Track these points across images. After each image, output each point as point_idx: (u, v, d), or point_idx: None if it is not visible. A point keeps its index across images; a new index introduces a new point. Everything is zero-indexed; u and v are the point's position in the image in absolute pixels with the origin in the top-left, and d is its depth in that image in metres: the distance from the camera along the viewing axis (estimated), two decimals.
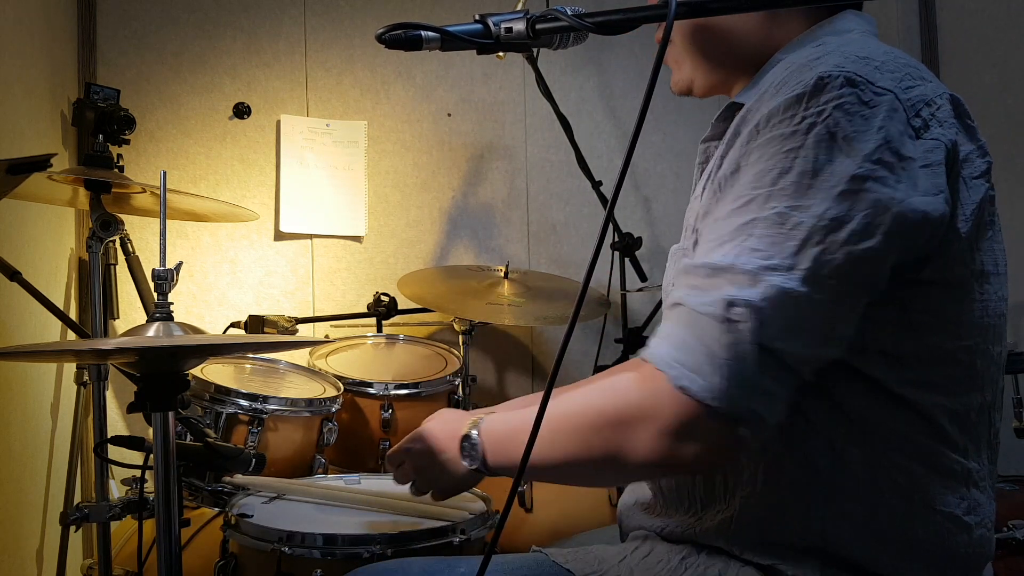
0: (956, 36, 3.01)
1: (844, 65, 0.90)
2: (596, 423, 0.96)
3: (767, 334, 0.86)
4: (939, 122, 0.92)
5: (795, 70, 0.94)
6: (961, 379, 0.97)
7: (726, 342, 0.86)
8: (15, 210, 1.94)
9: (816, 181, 0.87)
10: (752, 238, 0.88)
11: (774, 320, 0.86)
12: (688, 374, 0.87)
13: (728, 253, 0.89)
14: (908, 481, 0.95)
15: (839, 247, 0.86)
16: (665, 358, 0.89)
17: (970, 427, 0.98)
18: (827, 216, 0.86)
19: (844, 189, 0.87)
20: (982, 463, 1.00)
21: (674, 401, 0.88)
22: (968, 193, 0.95)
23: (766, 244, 0.88)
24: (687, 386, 0.87)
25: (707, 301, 0.88)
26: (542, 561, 1.10)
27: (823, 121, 0.88)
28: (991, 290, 0.99)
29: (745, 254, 0.88)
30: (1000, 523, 1.80)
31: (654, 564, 1.03)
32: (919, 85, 0.93)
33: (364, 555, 1.38)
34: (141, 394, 1.12)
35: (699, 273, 0.91)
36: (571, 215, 3.03)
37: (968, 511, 0.97)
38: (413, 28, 0.94)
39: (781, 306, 0.86)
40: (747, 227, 0.89)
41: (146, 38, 2.69)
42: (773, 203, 0.88)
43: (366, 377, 2.21)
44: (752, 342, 0.85)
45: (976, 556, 0.99)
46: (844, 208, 0.87)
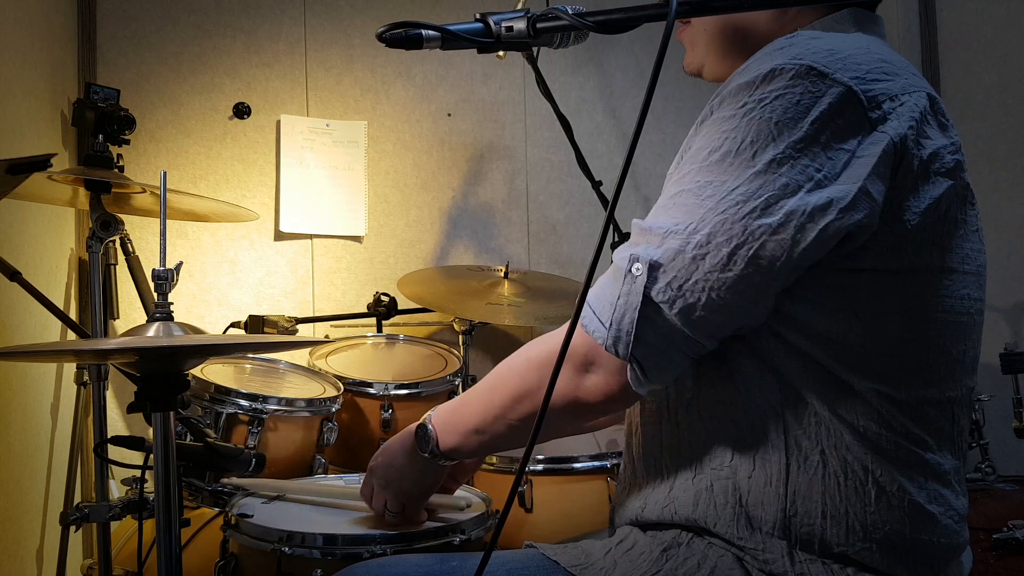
0: (956, 36, 3.01)
1: (802, 56, 0.93)
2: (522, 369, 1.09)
3: (654, 288, 0.94)
4: (898, 116, 0.94)
5: (756, 60, 0.97)
6: (910, 370, 0.98)
7: (623, 291, 0.96)
8: (15, 210, 1.94)
9: (736, 160, 0.93)
10: (674, 207, 0.97)
11: (664, 277, 0.94)
12: (592, 316, 0.99)
13: (653, 218, 0.99)
14: (865, 466, 0.97)
15: (739, 220, 0.92)
16: (588, 301, 1.01)
17: (926, 421, 0.99)
18: (737, 191, 0.92)
19: (759, 170, 0.92)
20: (944, 458, 1.01)
21: (583, 340, 1.00)
22: (928, 188, 0.95)
23: (681, 213, 0.95)
24: (586, 325, 0.99)
25: (623, 256, 0.98)
26: (533, 555, 1.12)
27: (761, 107, 0.93)
28: (955, 288, 0.99)
29: (662, 219, 0.97)
30: (1000, 523, 1.80)
31: (637, 556, 1.05)
32: (886, 80, 0.95)
33: (364, 555, 1.37)
34: (141, 394, 1.12)
35: (633, 232, 1.01)
36: (571, 215, 3.03)
37: (930, 501, 0.98)
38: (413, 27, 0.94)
39: (673, 266, 0.94)
40: (675, 197, 0.98)
41: (146, 38, 2.69)
42: (698, 177, 0.96)
43: (366, 377, 2.21)
44: (640, 293, 0.95)
45: (943, 547, 1.00)
46: (755, 187, 0.92)
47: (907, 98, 0.95)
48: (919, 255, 0.96)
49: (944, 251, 0.98)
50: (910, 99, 0.95)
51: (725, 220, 0.92)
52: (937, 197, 0.95)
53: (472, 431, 1.17)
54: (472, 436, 1.17)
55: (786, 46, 0.97)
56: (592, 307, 1.00)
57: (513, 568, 1.09)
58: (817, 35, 1.00)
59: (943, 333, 0.99)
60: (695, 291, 0.93)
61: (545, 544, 1.14)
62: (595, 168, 2.66)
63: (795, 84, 0.92)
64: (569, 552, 1.10)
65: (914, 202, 0.94)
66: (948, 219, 0.97)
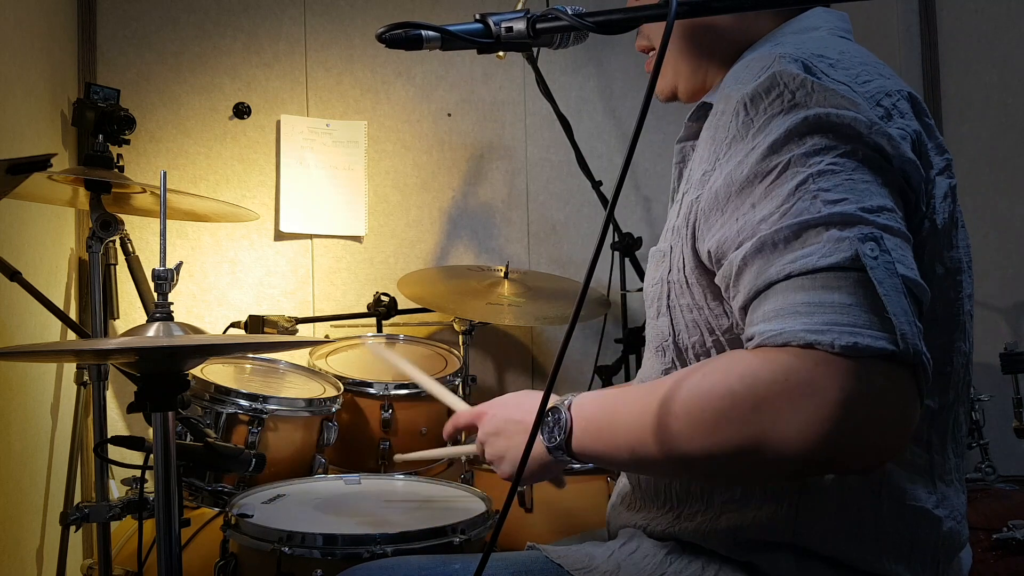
0: (956, 36, 3.01)
1: (799, 55, 0.92)
2: (722, 407, 0.82)
3: (905, 265, 0.82)
4: (900, 113, 0.93)
5: (754, 59, 0.96)
6: (936, 377, 0.97)
7: (877, 279, 0.79)
8: (15, 210, 1.94)
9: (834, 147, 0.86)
10: (821, 191, 0.83)
11: (897, 255, 0.82)
12: (850, 329, 0.77)
13: (804, 211, 0.83)
14: (876, 477, 0.95)
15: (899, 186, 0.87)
16: (807, 328, 0.78)
17: (938, 423, 0.99)
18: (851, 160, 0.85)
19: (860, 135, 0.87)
20: (947, 457, 1.00)
21: (839, 368, 0.76)
22: (936, 186, 0.95)
23: (842, 192, 0.83)
24: (856, 342, 0.76)
25: (825, 253, 0.80)
26: (536, 557, 1.12)
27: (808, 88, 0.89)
28: (966, 287, 0.99)
29: (829, 204, 0.82)
30: (1000, 523, 1.80)
31: (640, 560, 1.05)
32: (876, 80, 0.94)
33: (364, 555, 1.38)
34: (141, 394, 1.12)
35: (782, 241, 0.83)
36: (571, 215, 3.03)
37: (938, 504, 0.98)
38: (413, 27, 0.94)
39: (894, 241, 0.82)
40: (804, 185, 0.84)
41: (146, 38, 2.69)
42: (817, 157, 0.85)
43: (366, 377, 2.21)
44: (896, 275, 0.80)
45: (946, 547, 1.00)
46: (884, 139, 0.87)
47: (897, 96, 0.94)
48: (935, 256, 0.95)
49: (953, 250, 0.98)
50: (902, 99, 0.94)
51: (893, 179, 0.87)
52: (942, 196, 0.95)
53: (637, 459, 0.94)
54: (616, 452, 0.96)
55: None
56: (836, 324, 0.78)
57: (516, 570, 1.08)
58: (803, 39, 0.99)
59: (959, 335, 0.99)
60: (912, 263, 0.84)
61: (547, 546, 1.14)
62: (595, 168, 2.67)
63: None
64: (572, 555, 1.10)
65: (936, 203, 0.94)
66: (953, 218, 0.97)
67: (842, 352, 0.76)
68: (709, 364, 0.89)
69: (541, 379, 2.99)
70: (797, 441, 0.77)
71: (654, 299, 1.05)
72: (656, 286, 1.04)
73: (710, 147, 0.97)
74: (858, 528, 0.95)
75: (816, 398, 0.76)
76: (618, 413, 0.96)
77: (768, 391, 0.79)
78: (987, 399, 2.22)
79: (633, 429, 0.92)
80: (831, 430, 0.76)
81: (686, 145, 1.13)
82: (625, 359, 2.69)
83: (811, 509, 0.96)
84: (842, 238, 0.80)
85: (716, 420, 0.82)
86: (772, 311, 0.82)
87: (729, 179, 0.91)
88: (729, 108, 0.94)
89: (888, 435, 0.78)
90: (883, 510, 0.95)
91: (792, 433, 0.77)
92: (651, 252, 1.08)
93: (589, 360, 2.84)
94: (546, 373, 2.99)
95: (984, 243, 2.82)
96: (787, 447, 0.78)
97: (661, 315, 1.04)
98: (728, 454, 0.82)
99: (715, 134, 0.97)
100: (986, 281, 2.80)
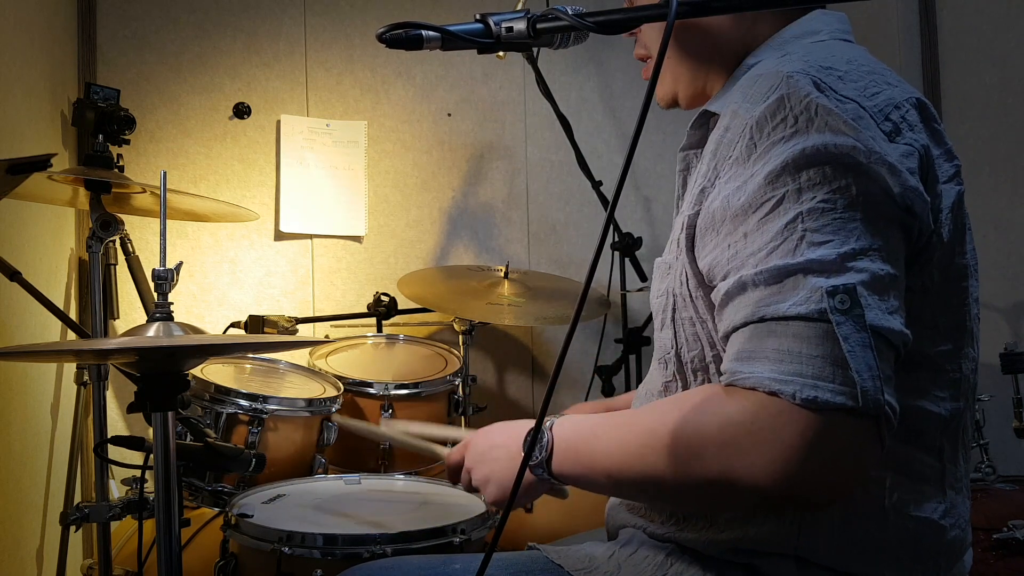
0: (956, 36, 3.01)
1: (808, 71, 0.91)
2: (693, 443, 0.88)
3: (875, 316, 0.83)
4: (909, 126, 0.92)
5: (763, 76, 0.94)
6: (946, 385, 0.97)
7: (843, 335, 0.81)
8: (15, 210, 1.94)
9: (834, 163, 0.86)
10: (808, 232, 0.85)
11: (873, 302, 0.83)
12: (812, 383, 0.81)
13: (788, 253, 0.85)
14: (881, 489, 0.95)
15: (876, 219, 0.86)
16: (773, 376, 0.83)
17: (950, 430, 0.98)
18: (849, 195, 0.85)
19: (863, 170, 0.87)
20: (958, 465, 1.00)
21: (799, 418, 0.81)
22: (941, 198, 0.94)
23: (828, 232, 0.84)
24: (815, 396, 0.81)
25: (797, 301, 0.83)
26: (536, 557, 1.12)
27: (812, 112, 0.88)
28: (973, 292, 0.99)
29: (812, 247, 0.84)
30: (1000, 523, 1.80)
31: (640, 561, 1.05)
32: (884, 90, 0.93)
33: (364, 555, 1.37)
34: (141, 394, 1.12)
35: (763, 283, 0.87)
36: (571, 215, 3.03)
37: (945, 514, 0.97)
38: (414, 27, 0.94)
39: (875, 287, 0.83)
40: (793, 224, 0.86)
41: (146, 38, 2.69)
42: (809, 193, 0.86)
43: (366, 377, 2.21)
44: (864, 328, 0.82)
45: (949, 554, 1.00)
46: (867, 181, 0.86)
47: (908, 106, 0.93)
48: (946, 267, 0.95)
49: (962, 256, 0.97)
50: (911, 108, 0.93)
51: (864, 230, 0.85)
52: (951, 205, 0.95)
53: (612, 482, 1.00)
54: (594, 475, 1.01)
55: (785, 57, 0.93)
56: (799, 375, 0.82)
57: (516, 571, 1.08)
58: (808, 49, 0.99)
59: (968, 341, 0.99)
60: (897, 308, 0.86)
61: (548, 546, 1.14)
62: (595, 168, 2.66)
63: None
64: (572, 555, 1.10)
65: (943, 214, 0.94)
66: (961, 225, 0.97)
67: (803, 404, 0.81)
68: (686, 399, 0.93)
69: (541, 379, 2.99)
70: (759, 480, 0.83)
71: (659, 311, 1.06)
72: (661, 298, 1.05)
73: (711, 162, 0.98)
74: (862, 541, 0.95)
75: (778, 444, 0.82)
76: (598, 439, 1.01)
77: (736, 432, 0.85)
78: (987, 399, 2.22)
79: (612, 456, 0.97)
80: (790, 472, 0.82)
81: (689, 153, 1.13)
82: (625, 359, 2.68)
83: (814, 524, 0.95)
84: (815, 288, 0.83)
85: (689, 456, 0.88)
86: (746, 351, 0.87)
87: (726, 202, 0.92)
88: (735, 127, 0.94)
89: (844, 477, 0.84)
90: (888, 523, 0.95)
91: (756, 472, 0.83)
92: (656, 263, 1.09)
93: (589, 360, 2.84)
94: (546, 373, 2.99)
95: (984, 243, 2.81)
96: (750, 484, 0.84)
97: (665, 327, 1.04)
98: (698, 486, 0.89)
99: (717, 150, 0.97)
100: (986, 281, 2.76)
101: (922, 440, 0.96)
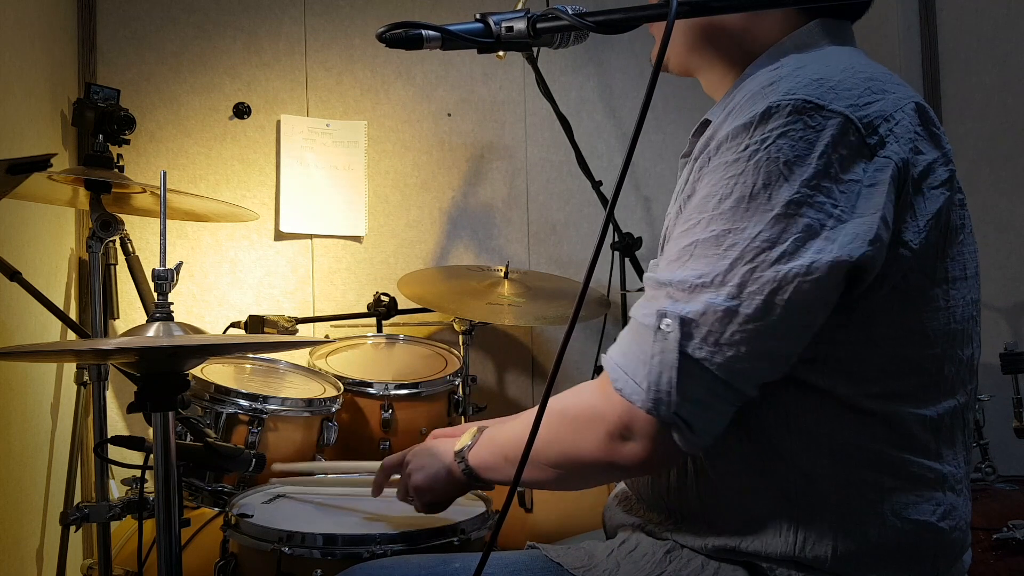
0: (956, 36, 3.01)
1: (795, 91, 0.92)
2: (556, 422, 1.03)
3: (690, 344, 0.91)
4: (896, 138, 0.92)
5: (750, 98, 0.96)
6: (929, 387, 0.97)
7: (656, 350, 0.92)
8: (15, 210, 1.94)
9: (752, 205, 0.91)
10: (693, 258, 0.94)
11: (698, 332, 0.91)
12: (625, 378, 0.94)
13: (671, 271, 0.95)
14: (878, 494, 0.96)
15: (769, 266, 0.89)
16: (611, 362, 0.97)
17: (944, 432, 0.99)
18: (760, 237, 0.90)
19: (779, 213, 0.90)
20: (958, 466, 1.00)
21: (616, 403, 0.95)
22: (925, 204, 0.94)
23: (703, 264, 0.92)
24: (622, 388, 0.94)
25: (647, 312, 0.95)
26: (536, 556, 1.12)
27: (765, 148, 0.91)
28: (958, 296, 0.99)
29: (684, 272, 0.94)
30: (1000, 523, 1.80)
31: (640, 558, 1.05)
32: (878, 100, 0.93)
33: (364, 555, 1.37)
34: (141, 394, 1.12)
35: (649, 287, 0.98)
36: (571, 215, 3.03)
37: (943, 516, 0.98)
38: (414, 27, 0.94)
39: (706, 320, 0.91)
40: (690, 248, 0.94)
41: (146, 38, 2.69)
42: (713, 226, 0.93)
43: (366, 377, 2.21)
44: (675, 351, 0.91)
45: (947, 555, 1.00)
46: (777, 231, 0.89)
47: (901, 115, 0.94)
48: (929, 272, 0.95)
49: (950, 261, 0.97)
50: (904, 116, 0.94)
51: (755, 268, 0.90)
52: (935, 212, 0.95)
53: (501, 455, 1.14)
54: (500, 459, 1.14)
55: (775, 81, 0.95)
56: (623, 368, 0.95)
57: (516, 570, 1.09)
58: (801, 63, 0.98)
59: (955, 342, 0.99)
60: (733, 343, 0.90)
61: (547, 545, 1.14)
62: (595, 168, 2.66)
63: (794, 120, 0.90)
64: (572, 554, 1.10)
65: (912, 222, 0.93)
66: (949, 229, 0.97)
67: (617, 391, 0.95)
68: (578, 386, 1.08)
69: (541, 379, 2.99)
70: (593, 454, 0.99)
71: None
72: None
73: (691, 170, 1.01)
74: (860, 544, 0.96)
75: (603, 423, 0.97)
76: (505, 427, 1.16)
77: (581, 413, 1.01)
78: (987, 399, 2.22)
79: (510, 439, 1.13)
80: (612, 449, 0.97)
81: (687, 160, 1.14)
82: None
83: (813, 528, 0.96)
84: (661, 307, 0.93)
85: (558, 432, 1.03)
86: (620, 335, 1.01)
87: (673, 219, 1.04)
88: (716, 138, 0.97)
89: (656, 457, 0.96)
90: (886, 526, 0.96)
91: (591, 447, 0.99)
92: (651, 264, 1.11)
93: (589, 360, 2.84)
94: (546, 373, 2.99)
95: (984, 243, 2.78)
96: (588, 458, 1.00)
97: None
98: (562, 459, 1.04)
99: (699, 158, 1.00)
100: (986, 281, 2.76)
101: (914, 444, 0.96)
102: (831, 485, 0.96)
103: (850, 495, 0.96)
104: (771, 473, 0.98)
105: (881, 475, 0.96)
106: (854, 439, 0.96)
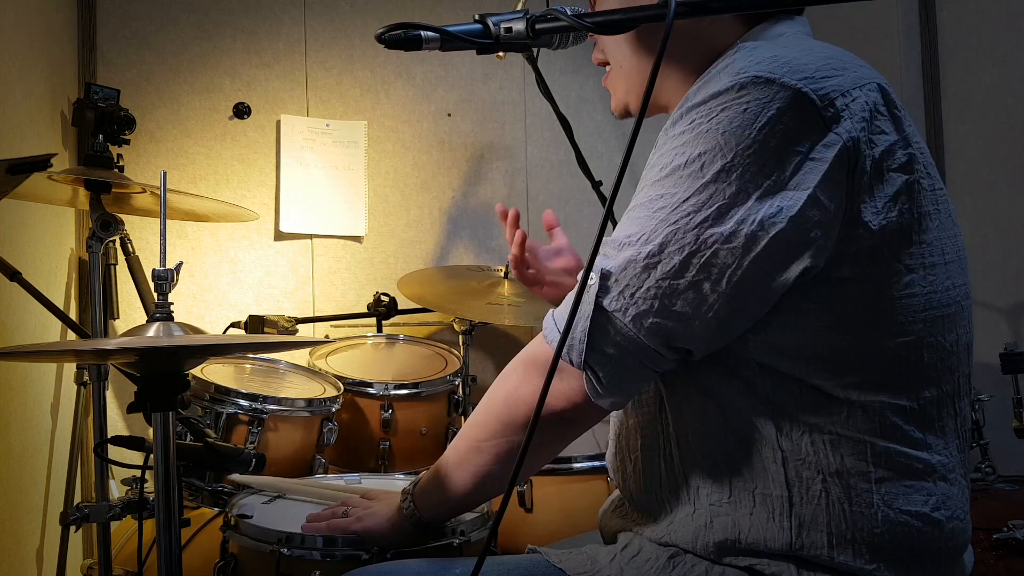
0: (956, 36, 3.01)
1: (747, 69, 0.92)
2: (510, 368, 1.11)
3: (606, 297, 0.95)
4: (851, 114, 0.92)
5: (704, 82, 0.97)
6: (907, 375, 0.96)
7: (579, 302, 0.94)
8: (15, 210, 1.94)
9: (686, 172, 0.93)
10: (629, 222, 0.98)
11: (615, 286, 0.95)
12: (552, 325, 1.03)
13: (614, 234, 1.00)
14: (868, 486, 0.95)
15: (691, 229, 0.92)
16: (548, 314, 1.05)
17: (930, 421, 0.98)
18: (689, 202, 0.93)
19: (708, 180, 0.92)
20: (950, 455, 1.00)
21: (546, 347, 1.04)
22: (883, 186, 0.93)
23: (635, 226, 0.97)
24: (547, 334, 1.03)
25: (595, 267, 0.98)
26: (537, 561, 1.11)
27: (709, 120, 0.93)
28: (937, 282, 0.97)
29: (619, 233, 0.98)
30: (1000, 523, 1.80)
31: (643, 563, 1.04)
32: (836, 76, 0.94)
33: (364, 556, 1.37)
34: (141, 394, 1.12)
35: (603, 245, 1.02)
36: (571, 215, 3.03)
37: (937, 507, 0.97)
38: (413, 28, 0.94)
39: (624, 275, 0.95)
40: (630, 212, 0.99)
41: (146, 38, 2.69)
42: (650, 192, 0.97)
43: (366, 377, 2.21)
44: (591, 303, 0.96)
45: (949, 548, 1.00)
46: (704, 197, 0.92)
47: (858, 93, 0.93)
48: (896, 256, 0.94)
49: (925, 246, 0.96)
50: (861, 94, 0.94)
51: (677, 230, 0.92)
52: (893, 195, 0.94)
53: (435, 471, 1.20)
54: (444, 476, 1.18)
55: (729, 63, 0.95)
56: (554, 318, 1.03)
57: (517, 575, 1.08)
58: (756, 46, 0.99)
59: (935, 329, 0.97)
60: (647, 298, 0.93)
61: (549, 549, 1.13)
62: (595, 168, 2.65)
63: (743, 94, 0.91)
64: (574, 559, 1.09)
65: (871, 203, 0.93)
66: (916, 214, 0.96)
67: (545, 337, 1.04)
68: None
69: None
70: (534, 394, 1.04)
71: None
72: None
73: None
74: (857, 538, 0.95)
75: (535, 365, 1.06)
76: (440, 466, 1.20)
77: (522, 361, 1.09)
78: (987, 399, 2.22)
79: (455, 445, 1.17)
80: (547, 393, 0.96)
81: None
82: None
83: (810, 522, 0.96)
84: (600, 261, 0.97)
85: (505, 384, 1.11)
86: None
87: None
88: (668, 122, 1.00)
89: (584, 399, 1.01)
90: (880, 519, 0.95)
91: (531, 389, 1.06)
92: None
93: None
94: None
95: (984, 243, 2.82)
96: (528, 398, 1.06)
97: None
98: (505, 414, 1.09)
99: None
100: (986, 281, 2.80)
101: (898, 434, 0.96)
102: (821, 475, 0.96)
103: (841, 485, 0.95)
104: (759, 464, 0.98)
105: (868, 465, 0.95)
106: (838, 429, 0.95)
